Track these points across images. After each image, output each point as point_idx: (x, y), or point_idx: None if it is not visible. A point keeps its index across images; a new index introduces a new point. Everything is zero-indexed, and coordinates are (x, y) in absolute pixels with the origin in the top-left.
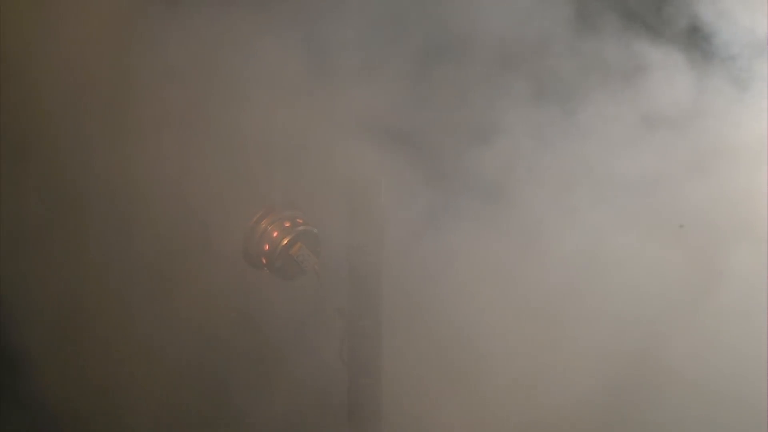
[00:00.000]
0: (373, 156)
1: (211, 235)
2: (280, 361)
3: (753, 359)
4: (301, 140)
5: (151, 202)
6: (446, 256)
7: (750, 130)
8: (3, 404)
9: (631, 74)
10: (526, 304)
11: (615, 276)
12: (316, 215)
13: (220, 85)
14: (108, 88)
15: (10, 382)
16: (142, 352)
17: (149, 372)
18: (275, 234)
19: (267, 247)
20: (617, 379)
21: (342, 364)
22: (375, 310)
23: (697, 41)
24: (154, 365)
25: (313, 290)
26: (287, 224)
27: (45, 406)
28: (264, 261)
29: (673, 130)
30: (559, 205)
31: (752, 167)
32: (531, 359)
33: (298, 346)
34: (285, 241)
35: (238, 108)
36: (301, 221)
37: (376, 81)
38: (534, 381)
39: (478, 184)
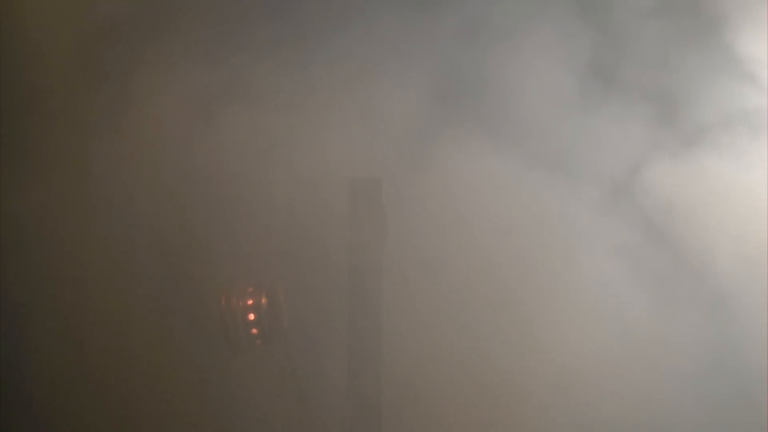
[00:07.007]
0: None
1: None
2: None
3: None
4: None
5: None
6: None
7: None
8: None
9: None
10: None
11: None
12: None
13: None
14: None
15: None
16: None
17: None
18: (250, 302)
19: (252, 315)
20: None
21: None
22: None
23: None
24: None
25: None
26: (250, 290)
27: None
28: (252, 317)
29: None
30: None
31: None
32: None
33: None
34: (266, 296)
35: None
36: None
37: None
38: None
39: None
